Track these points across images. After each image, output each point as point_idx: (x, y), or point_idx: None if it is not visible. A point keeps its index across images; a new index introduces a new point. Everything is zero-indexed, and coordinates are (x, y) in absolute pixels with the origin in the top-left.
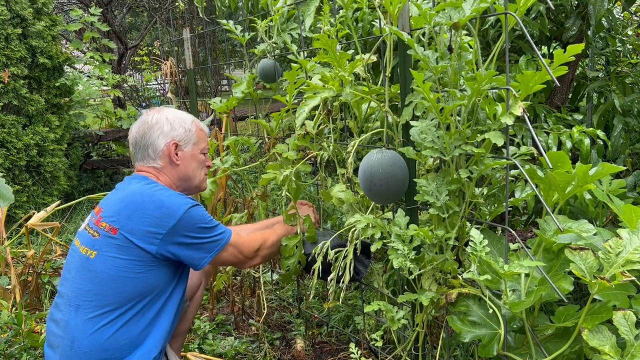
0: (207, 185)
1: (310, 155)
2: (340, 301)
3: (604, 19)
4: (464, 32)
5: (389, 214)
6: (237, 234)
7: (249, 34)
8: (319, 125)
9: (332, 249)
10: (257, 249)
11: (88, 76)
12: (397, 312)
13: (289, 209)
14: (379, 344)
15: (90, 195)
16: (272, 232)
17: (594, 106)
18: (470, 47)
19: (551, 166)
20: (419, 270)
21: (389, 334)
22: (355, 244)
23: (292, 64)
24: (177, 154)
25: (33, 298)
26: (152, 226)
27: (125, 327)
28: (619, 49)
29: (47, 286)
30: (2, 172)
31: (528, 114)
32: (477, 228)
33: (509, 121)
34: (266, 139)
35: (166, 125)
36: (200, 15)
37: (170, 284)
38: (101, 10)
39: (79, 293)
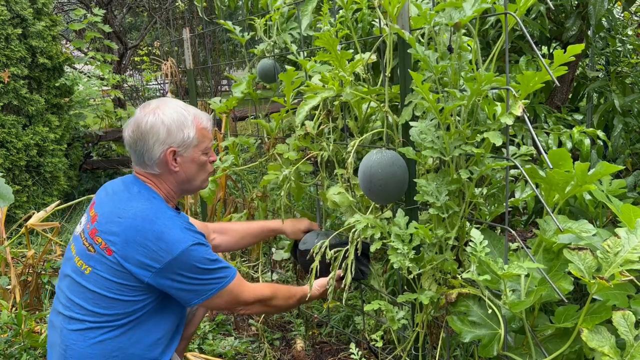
0: (208, 184)
1: (310, 155)
2: (341, 301)
3: (604, 19)
4: (463, 32)
5: (389, 214)
6: (239, 283)
7: (248, 34)
8: (319, 125)
9: (330, 249)
10: (260, 300)
11: (88, 76)
12: (397, 312)
13: None
14: (379, 344)
15: (90, 195)
16: (282, 293)
17: (594, 106)
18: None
19: (551, 166)
20: (419, 270)
21: (389, 334)
22: (356, 244)
23: (287, 66)
24: (175, 160)
25: (33, 298)
26: (147, 258)
27: (116, 340)
28: (619, 49)
29: (47, 286)
30: (2, 172)
31: (528, 114)
32: (477, 228)
33: (509, 121)
34: (266, 139)
35: (162, 131)
36: (200, 15)
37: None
38: (104, 11)
39: (72, 304)
